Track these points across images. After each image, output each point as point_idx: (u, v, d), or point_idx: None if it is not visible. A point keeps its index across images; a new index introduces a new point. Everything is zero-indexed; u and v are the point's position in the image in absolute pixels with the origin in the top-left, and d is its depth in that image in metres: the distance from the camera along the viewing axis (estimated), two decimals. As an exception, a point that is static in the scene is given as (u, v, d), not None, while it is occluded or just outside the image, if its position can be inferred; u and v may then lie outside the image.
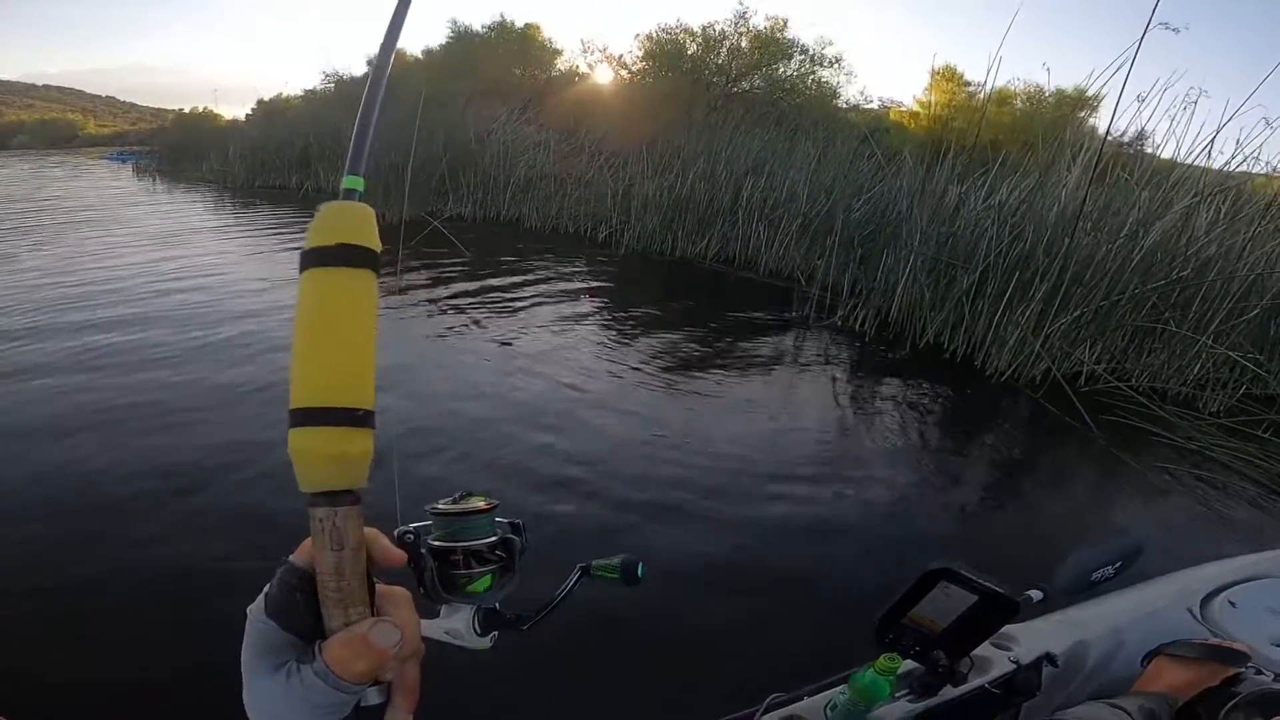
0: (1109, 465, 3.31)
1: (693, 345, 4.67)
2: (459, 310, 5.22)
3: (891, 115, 20.45)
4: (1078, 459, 3.48)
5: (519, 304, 5.51)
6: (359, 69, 21.96)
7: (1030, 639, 1.04)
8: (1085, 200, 4.26)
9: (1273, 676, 0.94)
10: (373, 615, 0.33)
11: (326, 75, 22.39)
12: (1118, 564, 1.06)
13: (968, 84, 19.11)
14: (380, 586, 0.35)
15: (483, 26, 19.18)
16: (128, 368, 3.65)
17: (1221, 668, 0.90)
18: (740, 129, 9.19)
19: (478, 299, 5.61)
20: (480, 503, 0.51)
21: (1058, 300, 4.23)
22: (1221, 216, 4.51)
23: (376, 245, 0.34)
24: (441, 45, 19.02)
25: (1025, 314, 4.30)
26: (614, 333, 4.88)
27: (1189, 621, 1.14)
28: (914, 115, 20.19)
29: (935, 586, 0.82)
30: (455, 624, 0.53)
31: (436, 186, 9.55)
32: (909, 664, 0.87)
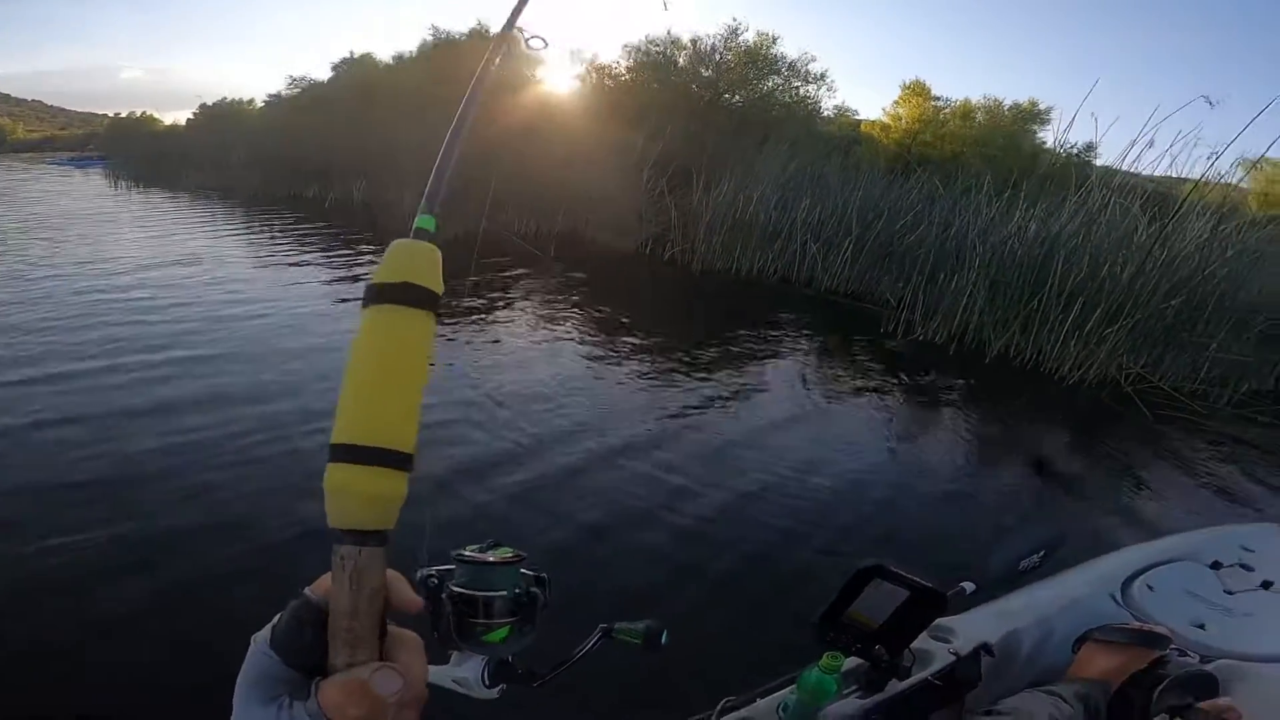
0: (1152, 439, 4.28)
1: (775, 360, 5.35)
2: (541, 323, 5.59)
3: (863, 128, 21.64)
4: (1129, 436, 4.45)
5: (593, 319, 5.87)
6: (320, 73, 20.48)
7: (967, 630, 1.06)
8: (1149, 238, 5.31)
9: (1198, 659, 1.01)
10: (379, 660, 0.32)
11: (294, 80, 20.60)
12: (1041, 552, 1.12)
13: (935, 99, 20.62)
14: (391, 629, 0.34)
15: (461, 34, 18.01)
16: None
17: (1146, 651, 0.96)
18: (753, 147, 9.74)
19: (557, 312, 5.98)
20: (508, 554, 0.50)
21: (1121, 316, 5.15)
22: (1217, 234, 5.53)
23: (439, 288, 0.34)
24: (420, 50, 17.94)
25: (1087, 328, 5.21)
26: (715, 351, 5.42)
27: (1112, 607, 1.19)
28: (885, 128, 21.48)
29: (869, 584, 0.84)
30: (464, 673, 0.52)
31: (493, 199, 9.72)
32: (854, 660, 0.91)
